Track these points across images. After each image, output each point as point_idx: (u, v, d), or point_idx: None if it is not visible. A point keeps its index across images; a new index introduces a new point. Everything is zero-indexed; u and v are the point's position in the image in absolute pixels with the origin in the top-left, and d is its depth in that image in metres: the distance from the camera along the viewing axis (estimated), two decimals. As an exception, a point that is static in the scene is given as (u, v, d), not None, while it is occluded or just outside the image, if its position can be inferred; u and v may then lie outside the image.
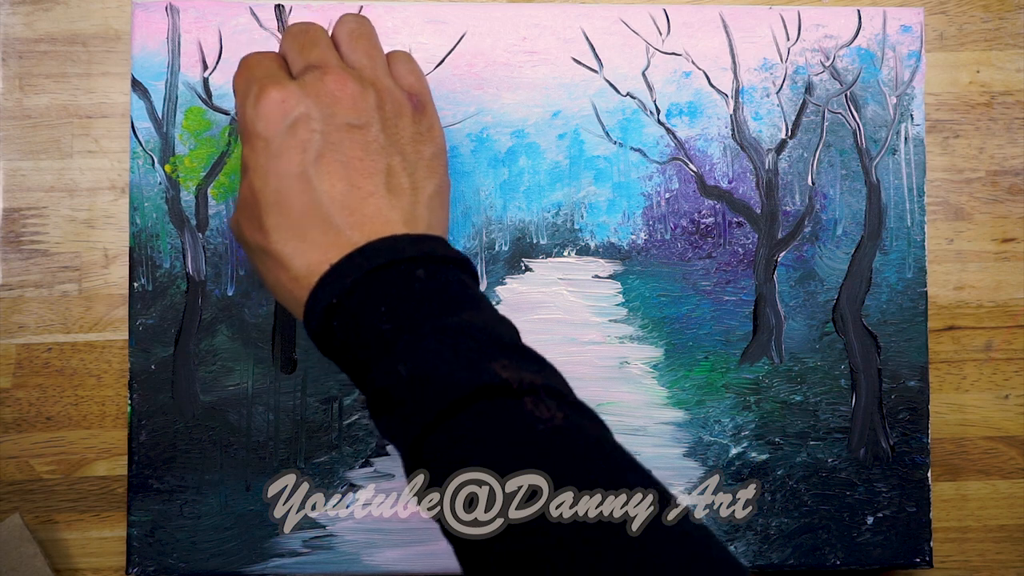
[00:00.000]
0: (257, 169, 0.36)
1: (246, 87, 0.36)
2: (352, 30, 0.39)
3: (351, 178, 0.35)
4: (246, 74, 0.37)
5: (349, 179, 0.35)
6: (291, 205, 0.35)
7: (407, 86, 0.39)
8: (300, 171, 0.35)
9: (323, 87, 0.36)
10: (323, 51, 0.38)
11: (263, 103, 0.35)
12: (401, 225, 0.35)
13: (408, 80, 0.39)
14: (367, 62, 0.38)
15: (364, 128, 0.36)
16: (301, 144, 0.35)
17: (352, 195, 0.35)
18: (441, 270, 0.35)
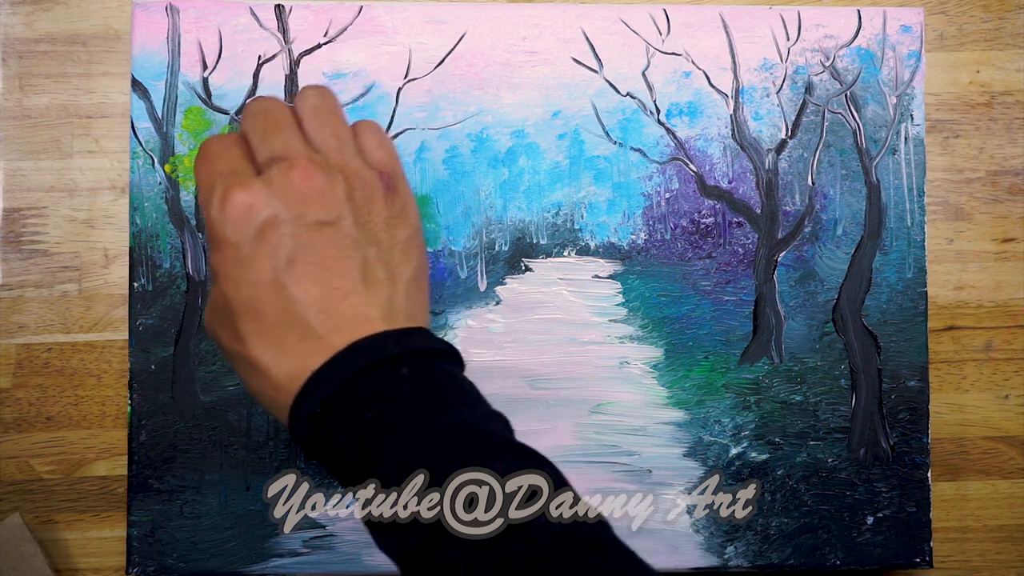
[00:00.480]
0: (228, 277, 0.34)
1: (209, 185, 0.35)
2: (316, 106, 0.37)
3: (326, 279, 0.34)
4: (208, 167, 0.36)
5: (324, 281, 0.34)
6: (266, 312, 0.34)
7: (377, 162, 0.37)
8: (272, 278, 0.34)
9: (289, 184, 0.34)
10: (287, 138, 0.36)
11: (229, 207, 0.34)
12: (380, 321, 0.34)
13: (377, 155, 0.37)
14: (334, 143, 0.36)
15: (335, 224, 0.35)
16: (271, 249, 0.34)
17: (328, 297, 0.34)
18: (425, 365, 0.34)
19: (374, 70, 0.48)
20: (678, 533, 0.47)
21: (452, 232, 0.48)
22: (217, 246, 0.34)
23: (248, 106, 0.37)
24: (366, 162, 0.37)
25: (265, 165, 0.35)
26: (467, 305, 0.48)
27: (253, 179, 0.34)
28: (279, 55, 0.48)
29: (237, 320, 0.34)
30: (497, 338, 0.48)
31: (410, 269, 0.36)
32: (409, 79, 0.48)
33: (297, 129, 0.36)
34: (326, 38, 0.48)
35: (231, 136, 0.37)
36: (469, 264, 0.48)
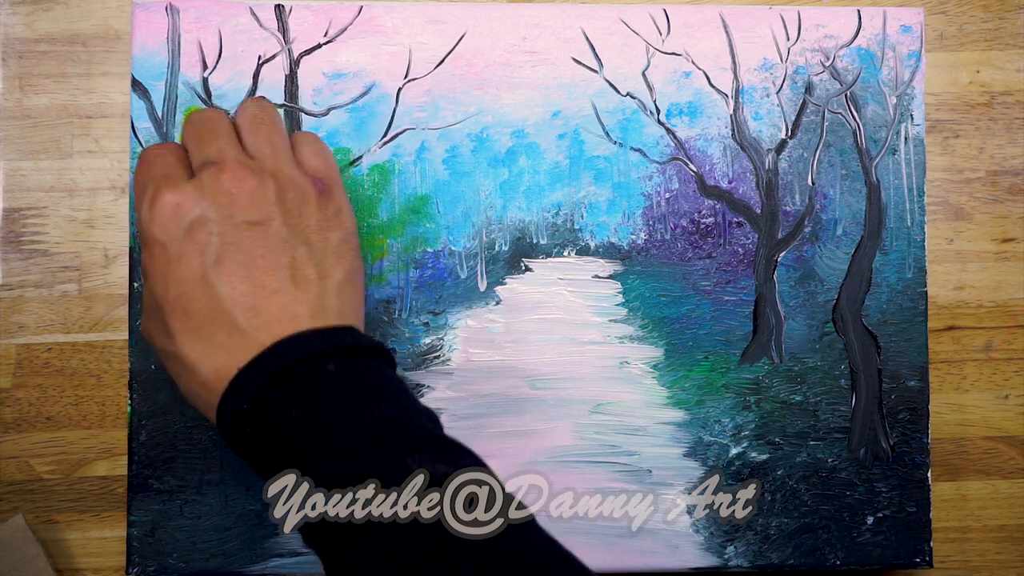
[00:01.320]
0: (156, 275, 0.35)
1: (142, 187, 0.36)
2: (254, 116, 0.38)
3: (254, 277, 0.35)
4: (145, 172, 0.37)
5: (252, 278, 0.35)
6: (195, 310, 0.34)
7: (312, 170, 0.38)
8: (200, 275, 0.34)
9: (219, 185, 0.35)
10: (222, 144, 0.37)
11: (158, 207, 0.35)
12: (308, 319, 0.35)
13: (313, 163, 0.38)
14: (268, 150, 0.37)
15: (264, 224, 0.35)
16: (199, 248, 0.34)
17: (256, 294, 0.34)
18: (352, 361, 0.34)
19: (374, 70, 0.48)
20: (678, 533, 0.47)
21: (452, 232, 0.48)
22: (147, 245, 0.35)
23: (189, 116, 0.39)
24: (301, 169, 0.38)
25: (198, 169, 0.36)
26: (467, 305, 0.48)
27: (183, 181, 0.35)
28: (279, 55, 0.48)
29: (167, 318, 0.35)
30: (497, 338, 0.48)
31: (342, 270, 0.37)
32: (409, 79, 0.48)
33: (234, 137, 0.38)
34: (326, 38, 0.48)
35: (169, 144, 0.38)
36: (469, 264, 0.48)
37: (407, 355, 0.47)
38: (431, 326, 0.48)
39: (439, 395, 0.47)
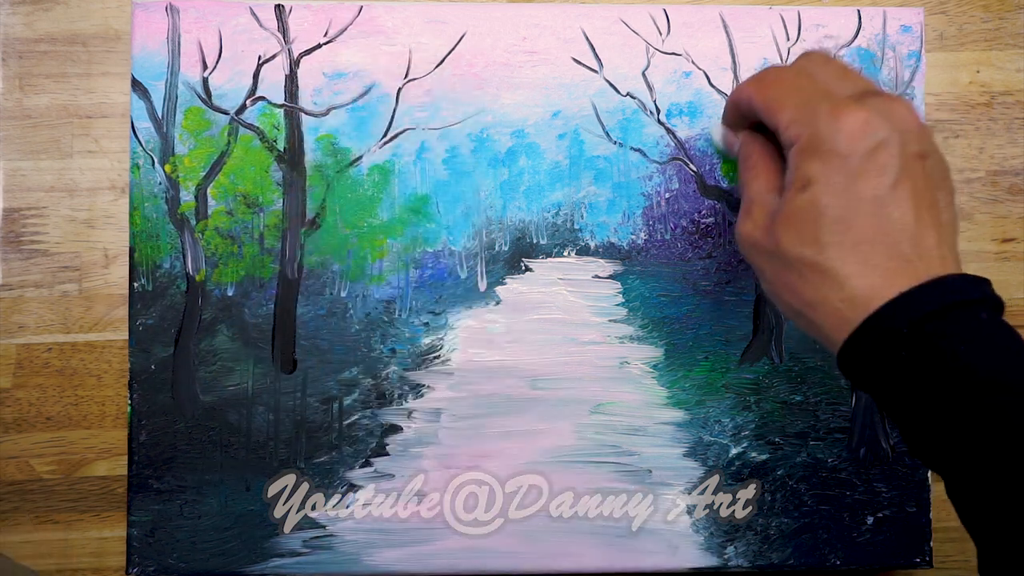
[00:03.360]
0: (829, 185, 0.35)
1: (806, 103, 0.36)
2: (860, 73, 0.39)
3: (917, 208, 0.35)
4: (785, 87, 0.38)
5: (916, 209, 0.35)
6: (859, 226, 0.35)
7: None
8: (875, 194, 0.35)
9: (895, 113, 0.36)
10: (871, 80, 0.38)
11: (845, 121, 0.35)
12: (952, 263, 0.35)
13: None
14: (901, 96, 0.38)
15: (925, 159, 0.36)
16: (880, 168, 0.35)
17: (917, 225, 0.35)
18: (996, 315, 0.35)
19: (374, 70, 0.48)
20: (678, 533, 0.47)
21: (452, 232, 0.48)
22: (822, 155, 0.35)
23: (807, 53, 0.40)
24: None
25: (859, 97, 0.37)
26: (467, 305, 0.48)
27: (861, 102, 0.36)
28: (279, 55, 0.48)
29: (822, 227, 0.35)
30: (497, 338, 0.48)
31: (957, 223, 0.38)
32: (409, 79, 0.48)
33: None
34: (326, 38, 0.48)
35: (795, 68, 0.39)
36: (469, 264, 0.48)
37: (407, 355, 0.47)
38: (431, 326, 0.48)
39: (439, 395, 0.47)
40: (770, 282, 0.38)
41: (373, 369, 0.47)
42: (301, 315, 0.47)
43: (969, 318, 0.33)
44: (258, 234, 0.47)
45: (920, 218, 0.35)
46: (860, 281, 0.34)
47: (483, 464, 0.47)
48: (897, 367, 0.34)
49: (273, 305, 0.47)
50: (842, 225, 0.35)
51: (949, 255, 0.36)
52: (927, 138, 0.37)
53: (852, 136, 0.35)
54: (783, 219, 0.37)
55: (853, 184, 0.35)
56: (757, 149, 0.41)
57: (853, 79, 0.38)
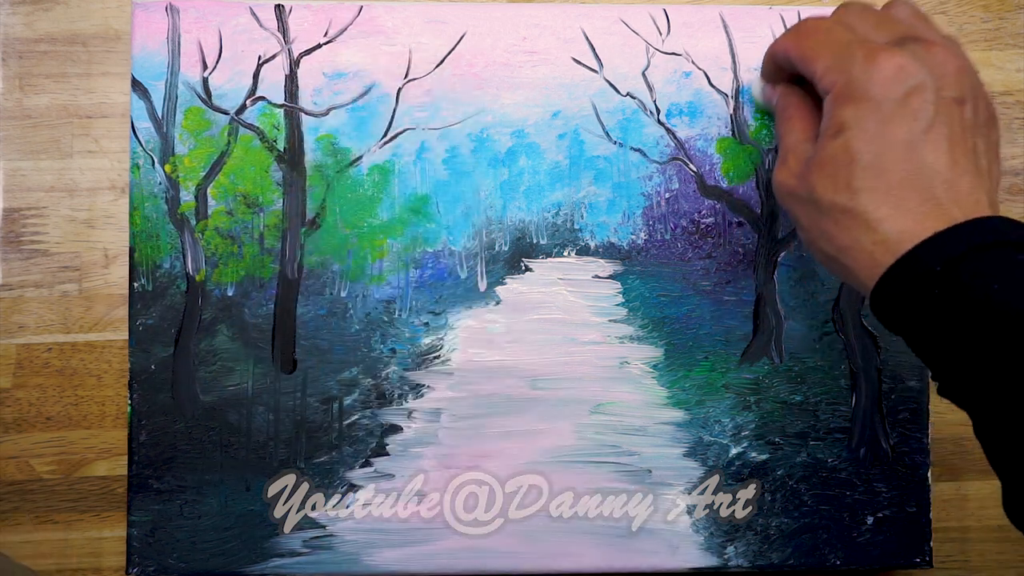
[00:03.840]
0: (862, 131, 0.35)
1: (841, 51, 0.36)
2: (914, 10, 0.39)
3: (953, 153, 0.35)
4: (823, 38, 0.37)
5: (951, 154, 0.35)
6: (891, 171, 0.35)
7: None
8: (908, 139, 0.35)
9: (933, 58, 0.36)
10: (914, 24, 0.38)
11: (879, 66, 0.35)
12: (988, 207, 0.35)
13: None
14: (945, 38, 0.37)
15: (963, 104, 0.36)
16: (913, 113, 0.35)
17: (953, 170, 0.35)
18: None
19: (374, 70, 0.48)
20: (678, 533, 0.47)
21: (452, 232, 0.48)
22: (855, 101, 0.35)
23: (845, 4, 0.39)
24: None
25: (899, 42, 0.36)
26: (467, 305, 0.48)
27: (899, 47, 0.36)
28: (279, 55, 0.48)
29: (855, 172, 0.35)
30: (497, 338, 0.48)
31: (998, 170, 0.38)
32: (409, 79, 0.48)
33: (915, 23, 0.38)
34: (326, 38, 0.48)
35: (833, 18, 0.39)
36: (469, 264, 0.48)
37: (407, 355, 0.47)
38: (431, 326, 0.48)
39: (439, 395, 0.47)
40: (805, 229, 0.38)
41: (373, 369, 0.47)
42: (301, 315, 0.47)
43: (1004, 258, 0.33)
44: (258, 234, 0.47)
45: (955, 162, 0.35)
46: (892, 224, 0.35)
47: (483, 464, 0.47)
48: (929, 306, 0.34)
49: (273, 305, 0.47)
50: (875, 170, 0.35)
51: (985, 198, 0.35)
52: (967, 83, 0.36)
53: (885, 81, 0.35)
54: (817, 165, 0.37)
55: (886, 128, 0.35)
56: (794, 101, 0.41)
57: (892, 25, 0.38)
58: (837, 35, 0.37)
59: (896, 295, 0.34)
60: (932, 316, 0.34)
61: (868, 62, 0.35)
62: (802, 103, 0.41)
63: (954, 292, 0.33)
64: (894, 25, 0.38)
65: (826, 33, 0.38)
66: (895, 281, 0.34)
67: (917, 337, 0.35)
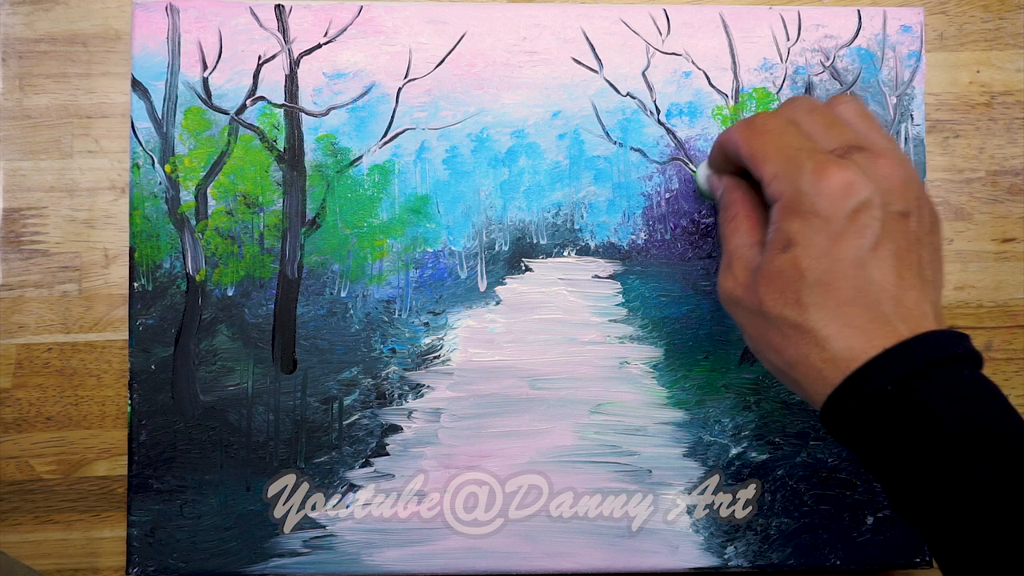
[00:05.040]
0: (809, 247, 0.35)
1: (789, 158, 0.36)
2: (859, 110, 0.39)
3: (898, 268, 0.35)
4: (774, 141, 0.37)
5: (897, 269, 0.35)
6: (840, 288, 0.35)
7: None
8: (856, 257, 0.35)
9: (879, 171, 0.36)
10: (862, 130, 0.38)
11: (827, 181, 0.35)
12: (933, 320, 0.35)
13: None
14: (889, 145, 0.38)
15: (908, 217, 0.36)
16: (860, 230, 0.35)
17: (898, 286, 0.35)
18: (976, 371, 0.35)
19: (374, 70, 0.48)
20: (678, 533, 0.47)
21: (452, 232, 0.48)
22: (803, 216, 0.35)
23: (794, 100, 0.39)
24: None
25: (843, 152, 0.37)
26: (467, 305, 0.48)
27: (847, 160, 0.36)
28: (279, 55, 0.48)
29: (804, 289, 0.35)
30: (497, 338, 0.48)
31: (942, 277, 0.38)
32: (409, 79, 0.48)
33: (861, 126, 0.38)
34: (326, 38, 0.48)
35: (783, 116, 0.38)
36: (469, 264, 0.48)
37: (407, 355, 0.47)
38: (431, 326, 0.48)
39: (439, 395, 0.47)
40: (752, 339, 0.38)
41: (373, 369, 0.47)
42: (301, 315, 0.47)
43: (952, 375, 0.34)
44: (258, 234, 0.47)
45: (902, 278, 0.35)
46: (841, 342, 0.35)
47: (483, 464, 0.47)
48: (879, 425, 0.34)
49: (273, 305, 0.47)
50: (823, 287, 0.35)
51: (931, 312, 0.35)
52: (912, 194, 0.36)
53: (833, 197, 0.35)
54: (764, 278, 0.37)
55: (834, 246, 0.35)
56: (739, 198, 0.41)
57: (839, 130, 0.38)
58: (787, 139, 0.37)
59: (846, 413, 0.34)
60: (882, 435, 0.34)
61: (816, 175, 0.35)
62: (747, 201, 0.40)
63: (904, 413, 0.33)
64: (841, 129, 0.38)
65: (777, 136, 0.37)
66: (844, 399, 0.34)
67: (868, 454, 0.35)
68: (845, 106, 0.39)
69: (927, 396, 0.33)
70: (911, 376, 0.33)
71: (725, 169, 0.42)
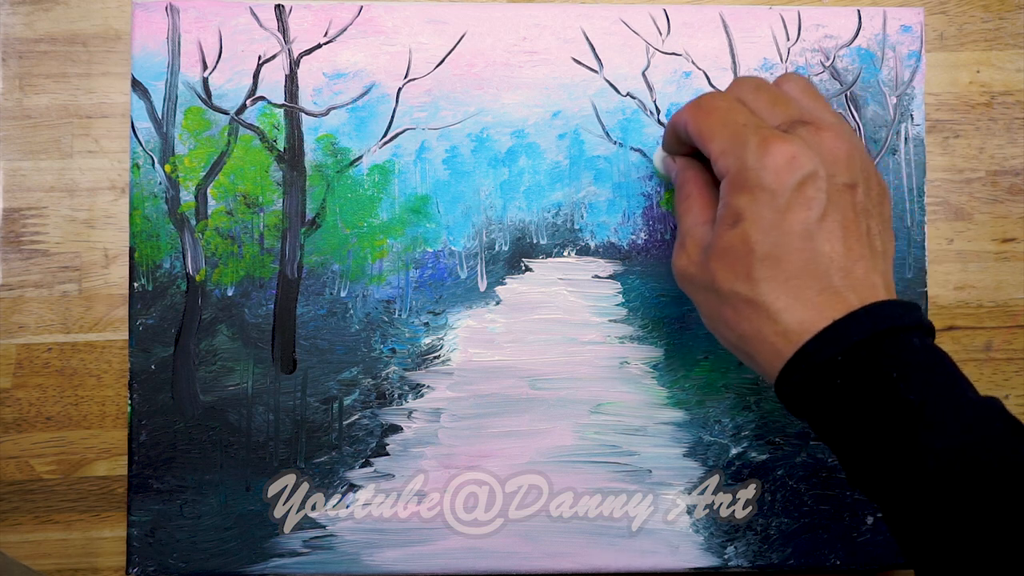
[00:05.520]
0: (757, 221, 0.35)
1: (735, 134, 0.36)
2: (805, 87, 0.39)
3: (846, 240, 0.36)
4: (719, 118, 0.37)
5: (845, 240, 0.35)
6: (788, 261, 0.35)
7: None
8: (803, 229, 0.35)
9: (823, 144, 0.36)
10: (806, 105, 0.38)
11: (771, 156, 0.35)
12: (883, 290, 0.36)
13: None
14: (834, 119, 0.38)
15: (855, 188, 0.36)
16: (807, 202, 0.35)
17: (847, 256, 0.35)
18: (927, 340, 0.35)
19: (374, 70, 0.48)
20: (678, 533, 0.47)
21: (452, 232, 0.48)
22: (750, 191, 0.36)
23: (741, 79, 0.40)
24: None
25: (788, 126, 0.37)
26: (467, 305, 0.48)
27: (790, 135, 0.36)
28: (279, 55, 0.48)
29: (754, 263, 0.36)
30: (497, 338, 0.48)
31: (892, 246, 0.38)
32: (409, 79, 0.48)
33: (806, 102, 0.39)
34: (326, 38, 0.48)
35: (729, 95, 0.39)
36: (469, 264, 0.48)
37: (407, 355, 0.47)
38: (431, 326, 0.48)
39: (439, 395, 0.47)
40: (707, 316, 0.39)
41: (373, 369, 0.47)
42: (301, 315, 0.47)
43: (902, 345, 0.34)
44: (258, 234, 0.47)
45: (850, 249, 0.35)
46: (792, 315, 0.35)
47: (483, 464, 0.47)
48: (832, 395, 0.34)
49: (273, 305, 0.47)
50: (772, 260, 0.35)
51: (880, 282, 0.36)
52: (857, 165, 0.37)
53: (778, 171, 0.35)
54: (715, 254, 0.37)
55: (782, 219, 0.35)
56: (691, 176, 0.41)
57: (784, 106, 0.38)
58: (734, 115, 0.37)
59: (799, 384, 0.35)
60: (835, 405, 0.34)
61: (761, 150, 0.35)
62: (699, 180, 0.41)
63: (855, 382, 0.33)
64: (786, 105, 0.38)
65: (723, 113, 0.38)
66: (797, 371, 0.35)
67: (822, 425, 0.35)
68: (791, 83, 0.40)
69: (877, 365, 0.33)
70: (860, 346, 0.34)
71: (679, 150, 0.42)
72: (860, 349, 0.34)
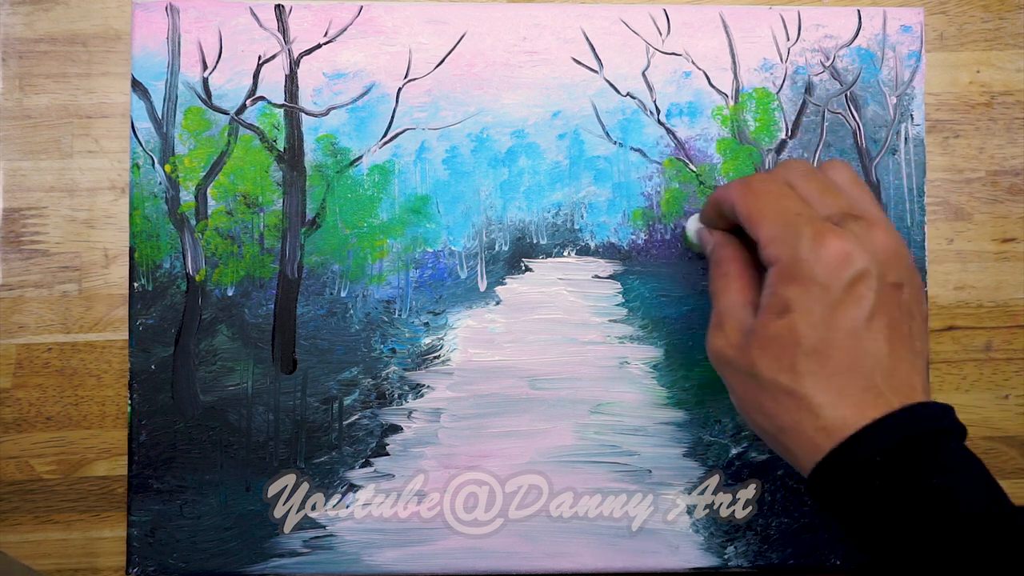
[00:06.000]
0: (807, 314, 0.35)
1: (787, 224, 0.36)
2: (852, 178, 0.39)
3: (891, 340, 0.36)
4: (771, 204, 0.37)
5: (890, 341, 0.36)
6: (835, 357, 0.35)
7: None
8: (851, 327, 0.35)
9: (874, 241, 0.36)
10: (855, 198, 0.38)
11: (827, 250, 0.35)
12: (921, 392, 0.36)
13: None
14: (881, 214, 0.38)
15: (901, 288, 0.36)
16: (857, 300, 0.35)
17: (891, 357, 0.35)
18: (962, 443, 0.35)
19: (374, 70, 0.48)
20: (678, 533, 0.47)
21: (452, 232, 0.48)
22: (802, 282, 0.36)
23: (789, 163, 0.39)
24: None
25: (839, 219, 0.37)
26: (467, 305, 0.48)
27: (844, 230, 0.36)
28: (279, 55, 0.48)
29: (799, 355, 0.35)
30: (497, 338, 0.48)
31: (928, 347, 0.39)
32: (409, 79, 0.48)
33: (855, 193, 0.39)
34: (326, 38, 0.48)
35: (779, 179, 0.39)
36: (469, 264, 0.48)
37: (407, 355, 0.47)
38: (431, 326, 0.48)
39: (439, 395, 0.47)
40: (741, 399, 0.39)
41: (373, 369, 0.47)
42: (301, 315, 0.47)
43: (939, 448, 0.34)
44: (258, 234, 0.47)
45: (894, 349, 0.36)
46: (834, 411, 0.35)
47: (483, 464, 0.47)
48: (868, 494, 0.34)
49: (273, 305, 0.47)
50: (819, 355, 0.35)
51: (919, 383, 0.36)
52: (904, 264, 0.37)
53: (832, 266, 0.35)
54: (759, 341, 0.37)
55: (831, 315, 0.35)
56: (731, 255, 0.41)
57: (833, 196, 0.38)
58: (785, 202, 0.37)
59: (835, 480, 0.35)
60: (870, 504, 0.34)
61: (816, 243, 0.35)
62: (739, 258, 0.41)
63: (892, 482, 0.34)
64: (836, 195, 0.38)
65: (775, 198, 0.38)
66: (834, 468, 0.35)
67: (854, 522, 0.35)
68: (837, 171, 0.40)
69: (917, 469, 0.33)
70: (900, 447, 0.34)
71: (717, 225, 0.42)
72: (899, 450, 0.34)
